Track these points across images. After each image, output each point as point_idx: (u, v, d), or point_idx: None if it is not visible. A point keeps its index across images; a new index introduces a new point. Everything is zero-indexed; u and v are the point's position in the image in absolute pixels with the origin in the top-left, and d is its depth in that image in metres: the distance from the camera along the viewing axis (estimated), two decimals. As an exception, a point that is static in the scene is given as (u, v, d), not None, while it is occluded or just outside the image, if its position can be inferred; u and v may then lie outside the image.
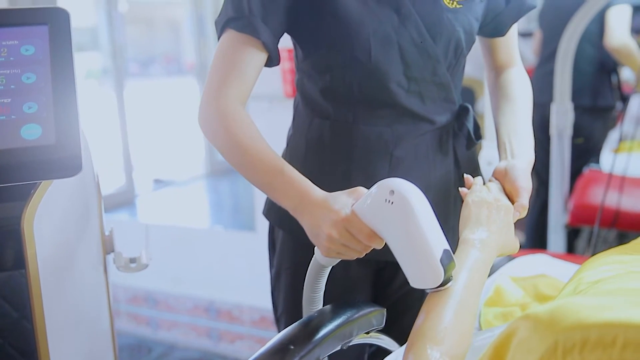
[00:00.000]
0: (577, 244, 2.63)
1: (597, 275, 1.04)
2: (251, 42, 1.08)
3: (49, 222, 1.09)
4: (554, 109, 2.34)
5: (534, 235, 2.92)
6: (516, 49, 1.30)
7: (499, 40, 1.27)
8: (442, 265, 0.87)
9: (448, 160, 1.24)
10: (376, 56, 1.11)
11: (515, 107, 1.22)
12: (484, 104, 3.33)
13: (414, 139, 1.19)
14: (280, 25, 1.11)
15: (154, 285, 2.99)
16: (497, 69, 1.31)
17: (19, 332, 1.06)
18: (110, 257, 1.33)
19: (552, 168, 2.39)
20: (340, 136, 1.19)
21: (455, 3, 1.13)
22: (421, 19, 1.11)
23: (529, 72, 1.35)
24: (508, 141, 1.17)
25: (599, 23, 2.63)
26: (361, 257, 0.96)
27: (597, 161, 2.58)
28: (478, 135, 1.26)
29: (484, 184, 1.13)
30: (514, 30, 1.26)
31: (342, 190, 1.20)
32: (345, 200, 0.94)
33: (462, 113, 1.23)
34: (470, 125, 1.22)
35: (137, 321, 3.00)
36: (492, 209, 1.05)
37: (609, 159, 2.56)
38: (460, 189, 1.11)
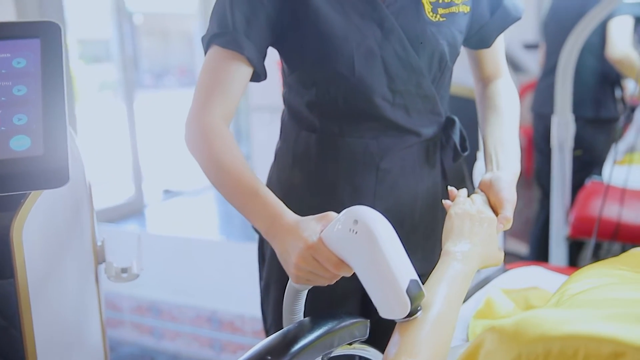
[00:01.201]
0: (581, 256, 2.61)
1: (580, 287, 1.04)
2: (235, 58, 1.10)
3: (38, 232, 1.11)
4: (555, 120, 2.33)
5: (538, 247, 2.91)
6: (503, 60, 1.31)
7: (485, 52, 1.28)
8: (409, 295, 0.86)
9: (435, 172, 1.25)
10: (360, 70, 1.12)
11: (502, 118, 1.23)
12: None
13: (400, 151, 1.20)
14: (265, 40, 1.13)
15: (157, 295, 3.01)
16: (484, 80, 1.31)
17: (7, 341, 1.07)
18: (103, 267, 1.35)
19: (553, 180, 2.38)
20: (326, 149, 1.20)
21: (438, 16, 1.14)
22: (404, 32, 1.12)
23: (533, 84, 1.35)
24: (494, 153, 1.18)
25: (600, 34, 2.62)
26: (332, 283, 0.95)
27: (600, 173, 2.57)
28: (464, 148, 1.26)
29: (469, 196, 1.13)
30: (499, 41, 1.27)
31: (329, 202, 1.21)
32: (314, 227, 0.93)
33: (448, 125, 1.23)
34: (456, 138, 1.23)
35: (141, 331, 3.01)
36: (474, 221, 1.06)
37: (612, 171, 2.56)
38: (443, 201, 1.11)
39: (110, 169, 5.52)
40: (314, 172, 1.22)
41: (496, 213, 1.09)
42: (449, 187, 1.14)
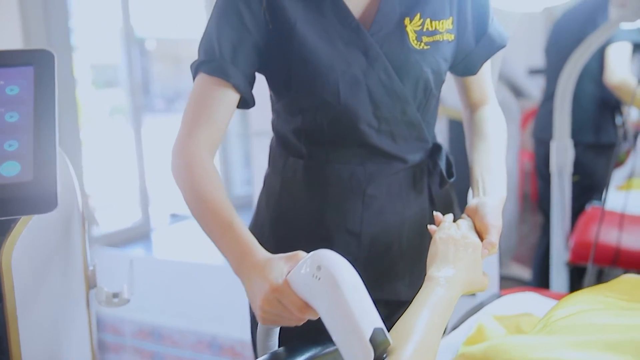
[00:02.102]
0: (585, 282, 2.59)
1: (563, 313, 1.04)
2: (222, 84, 1.11)
3: (28, 257, 1.12)
4: (554, 146, 2.33)
5: (540, 272, 2.89)
6: (490, 86, 1.32)
7: (472, 79, 1.29)
8: (373, 344, 0.84)
9: (423, 198, 1.25)
10: (345, 98, 1.13)
11: (489, 144, 1.24)
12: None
13: (387, 177, 1.20)
14: (251, 67, 1.14)
15: (159, 320, 3.01)
16: (471, 107, 1.33)
17: (-5, 365, 1.08)
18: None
19: (553, 205, 2.38)
20: (313, 175, 1.21)
21: (422, 44, 1.16)
22: (389, 60, 1.14)
23: (534, 110, 1.36)
24: (481, 179, 1.18)
25: (599, 60, 2.63)
26: (299, 325, 0.94)
27: (601, 198, 2.56)
28: (450, 174, 1.27)
29: (455, 221, 1.14)
30: (485, 68, 1.28)
31: (316, 228, 1.22)
32: (281, 268, 0.92)
33: (435, 151, 1.24)
34: (442, 164, 1.24)
35: (142, 355, 3.02)
36: (459, 246, 1.06)
37: (612, 197, 2.55)
38: (429, 226, 1.12)
39: (118, 192, 5.55)
40: (302, 198, 1.23)
41: (482, 238, 1.10)
42: (435, 213, 1.14)
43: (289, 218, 1.25)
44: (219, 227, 1.02)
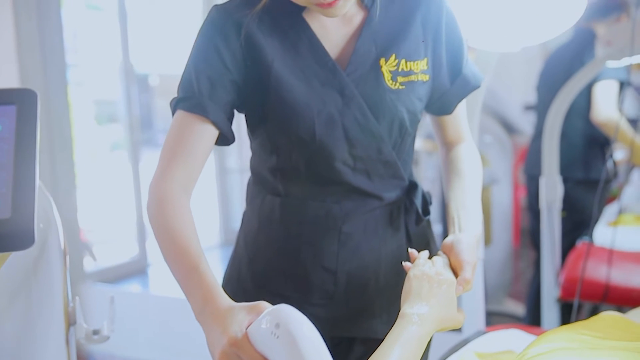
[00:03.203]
0: (573, 319, 2.58)
1: (537, 351, 1.04)
2: (200, 121, 1.11)
3: (5, 294, 1.13)
4: (543, 182, 2.35)
5: (533, 309, 2.88)
6: (465, 125, 1.33)
7: (447, 118, 1.31)
8: None
9: (399, 235, 1.26)
10: (321, 136, 1.15)
11: (464, 182, 1.25)
12: (484, 177, 3.36)
13: (363, 215, 1.21)
14: (230, 104, 1.15)
15: (155, 356, 2.99)
16: (447, 145, 1.34)
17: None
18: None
19: (543, 241, 2.38)
20: (290, 213, 1.22)
21: (397, 84, 1.17)
22: (364, 100, 1.15)
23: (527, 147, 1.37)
24: (457, 216, 1.19)
25: (588, 97, 2.66)
26: None
27: (591, 234, 2.57)
28: (426, 211, 1.28)
29: (430, 258, 1.15)
30: (461, 108, 1.30)
31: (293, 267, 1.22)
32: (241, 320, 0.90)
33: (411, 189, 1.25)
34: (418, 202, 1.25)
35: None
36: (433, 283, 1.06)
37: (604, 233, 2.55)
38: (403, 263, 1.12)
39: (115, 228, 5.56)
40: (279, 236, 1.24)
41: (457, 275, 1.10)
42: (410, 250, 1.15)
43: (266, 256, 1.26)
44: (184, 269, 1.01)
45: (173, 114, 1.15)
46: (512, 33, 1.33)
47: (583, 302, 2.35)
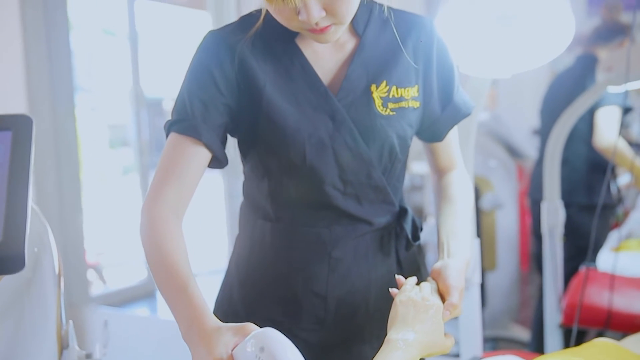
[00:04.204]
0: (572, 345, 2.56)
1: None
2: (193, 143, 1.13)
3: (-3, 317, 1.14)
4: (544, 207, 2.34)
5: (538, 335, 2.85)
6: (457, 152, 1.34)
7: (439, 145, 1.32)
8: None
9: (390, 261, 1.26)
10: (311, 159, 1.16)
11: (454, 208, 1.25)
12: (488, 201, 3.35)
13: (353, 240, 1.22)
14: (223, 127, 1.16)
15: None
16: (439, 172, 1.35)
17: None
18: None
19: (545, 266, 2.37)
20: (281, 238, 1.23)
21: (388, 110, 1.18)
22: (355, 125, 1.17)
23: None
24: (446, 241, 1.20)
25: (590, 123, 2.66)
26: None
27: (594, 260, 2.55)
28: (416, 237, 1.28)
29: (420, 283, 1.15)
30: (452, 135, 1.31)
31: (284, 292, 1.22)
32: (227, 341, 0.91)
33: (401, 215, 1.26)
34: (408, 227, 1.25)
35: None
36: (419, 308, 1.06)
37: (607, 258, 2.54)
38: (390, 289, 1.13)
39: (125, 250, 5.59)
40: (269, 261, 1.24)
41: (444, 300, 1.10)
42: (397, 276, 1.15)
43: (257, 280, 1.26)
44: (173, 289, 1.02)
45: (167, 137, 1.17)
46: (502, 60, 1.34)
47: (585, 328, 2.33)
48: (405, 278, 1.16)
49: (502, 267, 3.45)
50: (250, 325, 0.93)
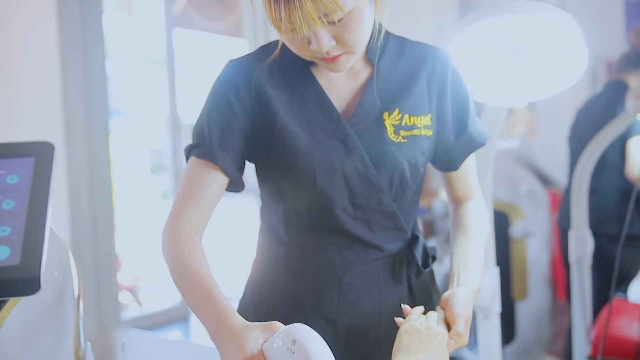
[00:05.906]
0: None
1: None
2: (211, 167, 1.17)
3: (15, 339, 1.17)
4: (571, 236, 2.30)
5: (569, 365, 2.80)
6: (473, 182, 1.34)
7: (455, 175, 1.32)
8: None
9: (401, 287, 1.26)
10: (321, 183, 1.18)
11: (469, 238, 1.25)
12: (519, 229, 3.31)
13: (364, 266, 1.23)
14: (239, 152, 1.20)
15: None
16: (456, 202, 1.35)
17: None
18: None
19: (573, 296, 2.32)
20: (293, 262, 1.24)
21: (400, 137, 1.20)
22: (366, 150, 1.18)
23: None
24: (457, 271, 1.20)
25: (621, 151, 2.62)
26: None
27: (625, 291, 2.49)
28: (426, 264, 1.28)
29: (425, 312, 1.14)
30: (468, 164, 1.31)
31: (295, 316, 1.23)
32: (257, 337, 0.94)
33: (412, 241, 1.26)
34: (418, 254, 1.25)
35: None
36: (422, 338, 1.06)
37: (638, 289, 2.48)
38: (395, 318, 1.13)
39: (159, 274, 5.65)
40: (282, 285, 1.26)
41: (450, 329, 1.10)
42: (402, 305, 1.15)
43: (270, 304, 1.28)
44: (199, 297, 1.05)
45: (187, 160, 1.21)
46: (517, 88, 1.34)
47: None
48: (417, 305, 1.16)
49: (532, 296, 3.39)
50: (277, 323, 0.96)
